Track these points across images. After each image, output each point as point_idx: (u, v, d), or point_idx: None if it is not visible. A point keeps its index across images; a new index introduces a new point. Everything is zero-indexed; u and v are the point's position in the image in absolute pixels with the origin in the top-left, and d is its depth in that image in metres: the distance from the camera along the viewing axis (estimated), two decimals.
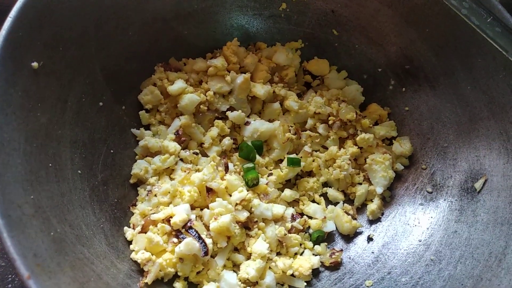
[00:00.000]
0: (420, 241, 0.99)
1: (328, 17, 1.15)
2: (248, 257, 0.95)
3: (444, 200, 1.01)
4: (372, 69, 1.15)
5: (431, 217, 1.01)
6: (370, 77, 1.16)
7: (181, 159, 1.02)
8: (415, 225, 1.02)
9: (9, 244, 0.60)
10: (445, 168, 1.04)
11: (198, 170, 0.99)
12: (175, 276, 0.89)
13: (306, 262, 0.95)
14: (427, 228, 0.99)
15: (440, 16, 1.00)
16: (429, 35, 1.04)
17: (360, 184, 1.08)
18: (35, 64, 0.79)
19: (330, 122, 1.10)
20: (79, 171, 0.87)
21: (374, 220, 1.07)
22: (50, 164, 0.79)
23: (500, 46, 0.81)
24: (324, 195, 1.10)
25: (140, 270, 0.87)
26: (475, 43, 0.97)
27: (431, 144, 1.07)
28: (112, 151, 0.97)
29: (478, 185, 0.97)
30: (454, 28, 0.99)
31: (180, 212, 0.89)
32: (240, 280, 0.91)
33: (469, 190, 0.98)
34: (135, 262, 0.87)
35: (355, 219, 1.06)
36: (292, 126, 1.09)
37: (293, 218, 1.01)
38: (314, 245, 1.01)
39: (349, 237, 1.05)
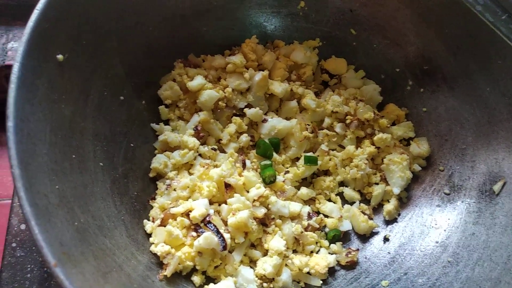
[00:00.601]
0: (437, 242, 0.98)
1: (346, 16, 1.15)
2: (265, 253, 0.95)
3: (462, 202, 1.01)
4: (390, 69, 1.15)
5: (449, 219, 1.00)
6: (388, 77, 1.16)
7: (200, 155, 1.02)
8: (432, 227, 1.01)
9: (37, 231, 0.60)
10: (463, 170, 1.03)
11: (216, 166, 1.00)
12: (193, 270, 0.89)
13: (322, 260, 0.95)
14: (445, 230, 0.99)
15: (459, 17, 1.00)
16: (448, 35, 1.04)
17: (377, 184, 1.08)
18: (60, 57, 0.80)
19: (347, 121, 1.10)
20: (101, 164, 0.87)
21: (391, 221, 1.06)
22: (74, 156, 0.80)
23: None
24: (340, 194, 1.10)
25: (159, 262, 0.87)
26: (495, 44, 0.96)
27: (449, 145, 1.07)
28: (132, 145, 0.98)
29: (496, 187, 0.96)
30: (473, 28, 0.99)
31: (199, 207, 0.89)
32: (257, 276, 0.92)
33: (487, 192, 0.98)
34: (155, 254, 0.88)
35: (372, 219, 1.06)
36: (309, 125, 1.09)
37: (310, 216, 1.02)
38: (330, 244, 1.01)
39: (365, 237, 1.05)
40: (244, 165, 1.01)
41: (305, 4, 1.15)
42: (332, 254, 1.00)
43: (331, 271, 0.98)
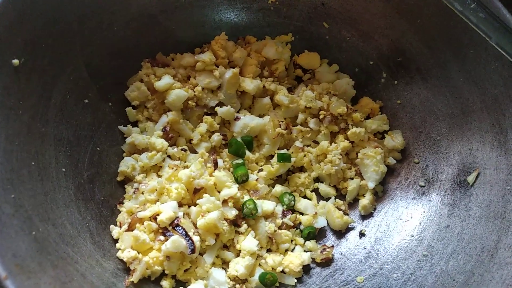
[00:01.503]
0: (412, 236, 0.97)
1: (318, 10, 1.13)
2: (238, 254, 0.94)
3: (437, 194, 1.00)
4: (363, 62, 1.14)
5: (424, 212, 0.99)
6: (361, 70, 1.14)
7: (169, 156, 1.00)
8: (407, 220, 1.00)
9: None
10: (438, 162, 1.02)
11: (186, 167, 0.98)
12: (163, 274, 0.88)
13: (296, 258, 0.94)
14: (420, 223, 0.98)
15: (432, 7, 0.99)
16: (421, 26, 1.02)
17: (352, 179, 1.07)
18: (15, 61, 0.78)
19: (321, 117, 1.08)
20: (64, 169, 0.85)
21: (366, 215, 1.05)
22: (33, 163, 0.78)
23: (484, 32, 0.79)
24: (316, 190, 1.08)
25: (126, 268, 0.86)
26: (467, 34, 0.95)
27: (424, 137, 1.06)
28: (98, 148, 0.96)
29: (471, 178, 0.95)
30: (446, 18, 0.97)
31: (167, 210, 0.87)
32: (229, 278, 0.90)
33: (461, 183, 0.97)
34: (122, 260, 0.86)
35: (347, 214, 1.05)
36: (282, 121, 1.07)
37: (284, 215, 1.00)
38: (305, 242, 1.00)
39: (340, 233, 1.04)
40: (215, 165, 1.00)
41: None
42: (307, 251, 0.99)
43: (306, 269, 0.97)
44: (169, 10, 1.07)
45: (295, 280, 0.95)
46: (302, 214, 1.03)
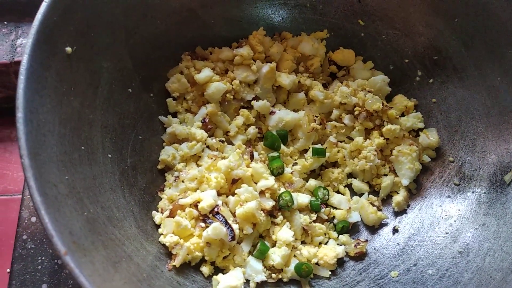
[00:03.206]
0: (447, 233, 0.97)
1: (354, 7, 1.14)
2: (274, 244, 0.95)
3: (472, 192, 0.99)
4: (398, 60, 1.14)
5: (459, 210, 0.99)
6: (396, 68, 1.15)
7: (208, 147, 1.02)
8: (442, 218, 1.00)
9: (47, 220, 0.61)
10: (474, 161, 1.02)
11: (224, 158, 1.00)
12: (202, 260, 0.90)
13: (331, 251, 0.95)
14: (455, 221, 0.98)
15: (469, 6, 0.99)
16: (458, 25, 1.03)
17: (386, 175, 1.07)
18: (68, 49, 0.80)
19: (356, 113, 1.09)
20: (110, 155, 0.88)
21: (400, 212, 1.06)
22: (83, 147, 0.81)
23: None
24: (349, 186, 1.09)
25: (168, 253, 0.88)
26: (505, 34, 0.95)
27: (459, 136, 1.06)
28: (140, 137, 0.98)
29: (507, 177, 0.95)
30: (484, 18, 0.98)
31: (207, 198, 0.89)
32: (265, 267, 0.92)
33: (498, 182, 0.97)
34: (164, 245, 0.88)
35: (380, 210, 1.05)
36: (317, 116, 1.08)
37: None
38: (338, 235, 1.01)
39: (374, 228, 1.04)
40: (252, 157, 1.01)
41: None
42: (340, 245, 0.99)
43: (340, 262, 0.98)
44: (208, 5, 1.09)
45: (330, 272, 0.95)
46: (335, 208, 1.04)
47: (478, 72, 1.02)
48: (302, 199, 0.99)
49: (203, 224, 0.88)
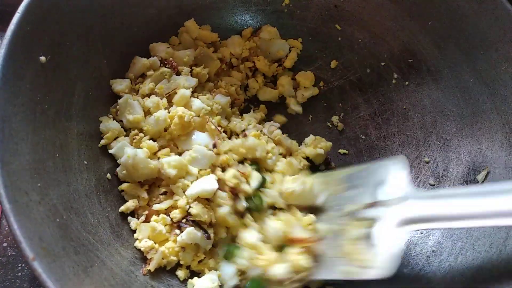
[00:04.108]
0: (421, 233, 0.99)
1: (331, 12, 1.16)
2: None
3: None
4: (375, 63, 1.16)
5: None
6: (373, 71, 1.17)
7: None
8: None
9: (16, 227, 0.62)
10: (448, 161, 1.04)
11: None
12: (178, 265, 0.91)
13: None
14: None
15: (442, 9, 1.01)
16: (431, 28, 1.05)
17: None
18: (42, 58, 0.82)
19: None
20: (85, 162, 0.89)
21: None
22: (57, 155, 0.82)
23: None
24: None
25: (143, 258, 0.89)
26: (477, 36, 0.97)
27: (434, 137, 1.07)
28: None
29: (480, 177, 0.96)
30: (457, 20, 0.99)
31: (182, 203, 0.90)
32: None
33: (471, 182, 0.98)
34: (139, 250, 0.89)
35: None
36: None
37: None
38: None
39: None
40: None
41: (290, 1, 1.16)
42: None
43: None
44: (186, 12, 1.11)
45: None
46: None
47: (451, 74, 1.04)
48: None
49: (178, 231, 0.89)
